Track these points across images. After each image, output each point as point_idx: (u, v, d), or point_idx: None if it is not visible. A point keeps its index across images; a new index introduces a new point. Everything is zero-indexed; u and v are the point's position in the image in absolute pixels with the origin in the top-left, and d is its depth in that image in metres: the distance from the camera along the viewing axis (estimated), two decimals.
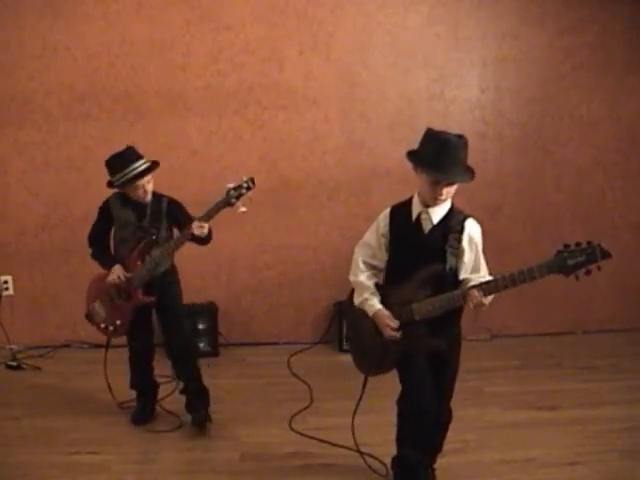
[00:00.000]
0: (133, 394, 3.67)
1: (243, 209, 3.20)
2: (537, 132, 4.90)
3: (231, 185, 3.21)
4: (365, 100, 4.77)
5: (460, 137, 2.55)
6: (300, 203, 4.82)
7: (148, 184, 3.38)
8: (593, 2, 4.80)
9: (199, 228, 3.22)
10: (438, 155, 2.49)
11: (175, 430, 3.48)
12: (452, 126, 4.80)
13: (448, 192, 2.57)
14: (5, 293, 4.77)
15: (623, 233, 5.01)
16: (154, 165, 3.38)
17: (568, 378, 4.17)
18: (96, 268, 4.70)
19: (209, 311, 4.66)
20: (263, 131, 4.75)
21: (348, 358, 4.44)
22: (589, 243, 2.28)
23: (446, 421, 2.83)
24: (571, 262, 2.28)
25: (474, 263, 2.62)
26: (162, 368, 3.79)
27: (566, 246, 2.32)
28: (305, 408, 3.70)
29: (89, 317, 3.61)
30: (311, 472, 3.08)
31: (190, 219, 3.36)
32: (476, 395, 3.87)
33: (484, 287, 2.46)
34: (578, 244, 2.30)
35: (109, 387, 3.65)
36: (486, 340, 4.92)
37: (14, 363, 4.39)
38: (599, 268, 2.26)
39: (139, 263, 3.40)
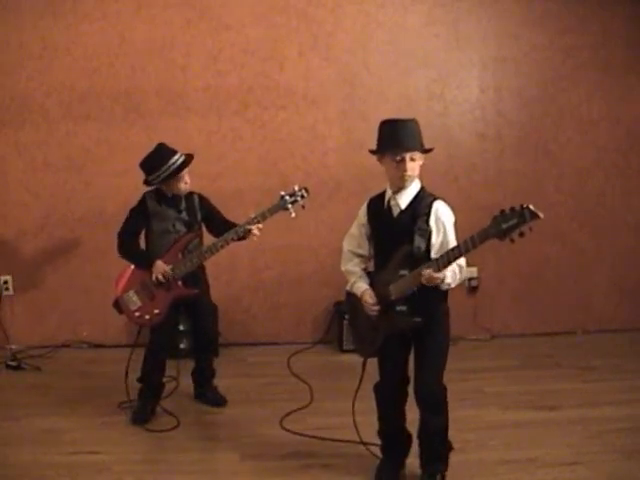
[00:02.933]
0: (134, 393, 3.67)
1: (293, 214, 3.54)
2: (537, 132, 4.90)
3: (284, 192, 3.51)
4: (365, 100, 4.77)
5: (411, 119, 2.73)
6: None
7: (187, 175, 3.56)
8: (593, 2, 4.80)
9: (259, 230, 3.52)
10: (394, 134, 2.69)
11: (175, 430, 3.48)
12: (452, 126, 4.88)
13: (413, 168, 2.70)
14: (5, 293, 4.77)
15: (623, 233, 5.01)
16: (190, 156, 3.57)
17: (568, 378, 4.16)
18: (95, 267, 4.74)
19: None
20: (263, 131, 4.75)
21: (348, 358, 4.49)
22: (521, 206, 2.37)
23: (439, 399, 2.80)
24: (504, 225, 2.38)
25: (441, 243, 2.69)
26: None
27: (502, 211, 2.41)
28: (301, 408, 3.70)
29: (119, 305, 3.61)
30: (311, 472, 3.07)
31: (219, 214, 3.73)
32: (476, 395, 3.87)
33: (432, 264, 2.56)
34: (512, 208, 2.40)
35: (126, 375, 3.67)
36: (486, 340, 4.92)
37: (14, 363, 4.38)
38: (530, 229, 2.35)
39: (180, 256, 3.52)
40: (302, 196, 3.53)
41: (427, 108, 4.78)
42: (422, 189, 2.78)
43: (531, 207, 2.33)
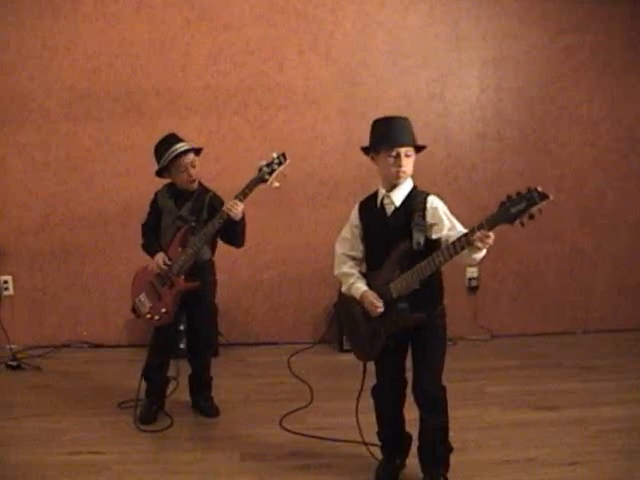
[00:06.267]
0: (137, 392, 3.66)
1: (276, 184, 3.27)
2: (537, 132, 4.90)
3: (263, 162, 3.30)
4: (365, 100, 4.77)
5: (404, 117, 2.75)
6: (300, 203, 4.82)
7: (192, 168, 3.49)
8: (593, 2, 4.80)
9: (233, 206, 3.28)
10: (389, 131, 2.69)
11: (175, 430, 3.48)
12: (452, 126, 4.88)
13: (408, 164, 2.69)
14: (5, 293, 4.77)
15: (623, 233, 5.01)
16: (197, 149, 3.53)
17: (568, 378, 4.16)
18: (95, 267, 4.75)
19: None
20: (263, 131, 4.75)
21: (348, 358, 4.47)
22: (528, 189, 2.35)
23: (439, 398, 2.78)
24: (513, 210, 2.35)
25: (449, 224, 2.66)
26: None
27: (508, 197, 2.38)
28: (301, 408, 3.71)
29: (135, 310, 3.63)
30: (311, 472, 3.07)
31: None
32: (476, 395, 3.87)
33: (479, 227, 2.42)
34: (518, 193, 2.37)
35: (140, 381, 3.62)
36: (486, 340, 4.92)
37: (14, 363, 4.39)
38: (540, 211, 2.33)
39: (180, 250, 3.48)
40: (279, 162, 3.27)
41: (427, 108, 4.79)
42: (415, 187, 2.77)
43: (539, 188, 2.31)
